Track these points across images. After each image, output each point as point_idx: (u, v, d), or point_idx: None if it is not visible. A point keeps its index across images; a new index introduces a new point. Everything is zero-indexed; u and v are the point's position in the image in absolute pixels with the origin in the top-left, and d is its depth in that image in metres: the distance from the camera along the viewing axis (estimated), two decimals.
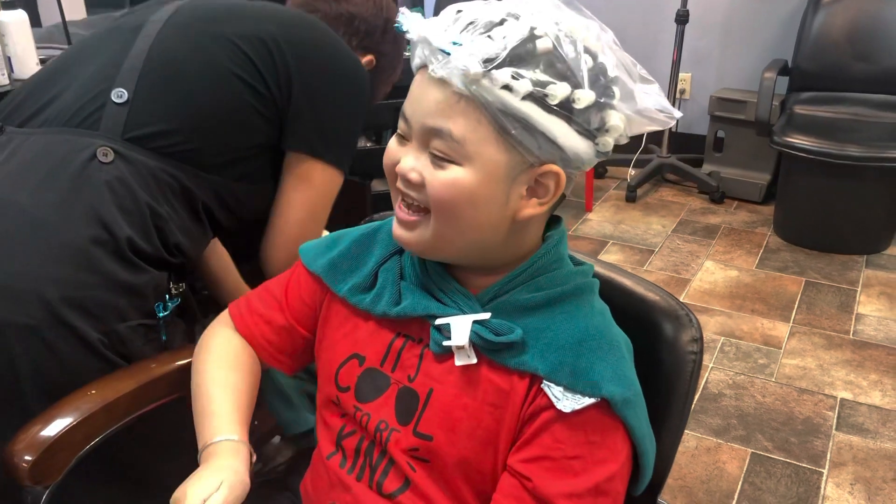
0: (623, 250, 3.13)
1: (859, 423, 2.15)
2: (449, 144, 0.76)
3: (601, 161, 3.73)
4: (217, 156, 1.17)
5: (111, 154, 1.09)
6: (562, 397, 0.78)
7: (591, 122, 0.77)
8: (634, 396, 0.81)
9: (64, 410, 0.96)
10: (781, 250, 3.13)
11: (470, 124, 0.75)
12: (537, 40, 0.74)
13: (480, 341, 0.81)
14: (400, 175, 0.81)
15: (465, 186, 0.77)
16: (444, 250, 0.84)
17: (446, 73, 0.74)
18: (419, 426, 0.85)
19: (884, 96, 3.12)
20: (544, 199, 0.81)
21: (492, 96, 0.73)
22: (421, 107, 0.78)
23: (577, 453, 0.78)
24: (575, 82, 0.75)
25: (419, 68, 0.79)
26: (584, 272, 0.88)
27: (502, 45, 0.73)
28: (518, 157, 0.77)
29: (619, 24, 3.83)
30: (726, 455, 2.03)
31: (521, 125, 0.75)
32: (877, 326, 2.60)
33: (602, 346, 0.81)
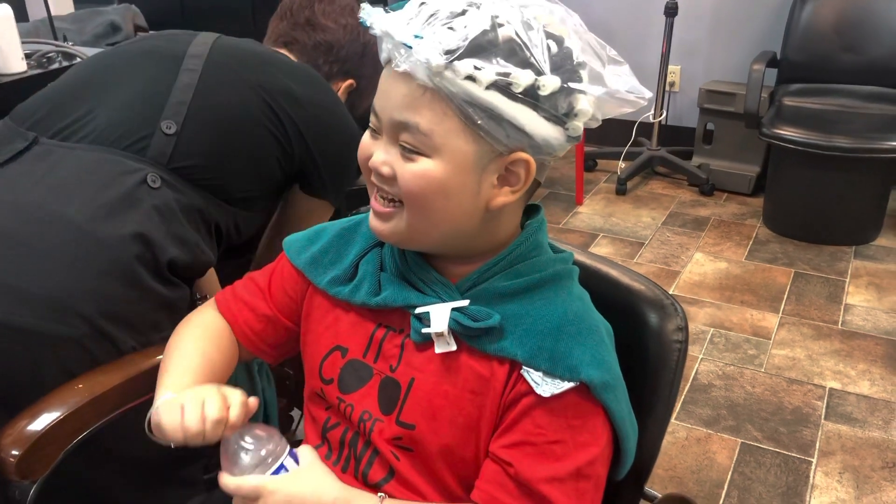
0: (613, 243, 3.14)
1: (848, 412, 2.16)
2: (417, 137, 0.76)
3: (591, 154, 3.76)
4: (240, 192, 1.28)
5: (159, 181, 1.17)
6: (541, 382, 0.79)
7: (558, 108, 0.76)
8: (614, 380, 0.81)
9: (51, 405, 0.96)
10: (771, 242, 3.14)
11: (436, 116, 0.75)
12: (499, 28, 0.74)
13: (459, 328, 0.82)
14: (372, 169, 0.81)
15: (435, 178, 0.77)
16: (420, 240, 0.84)
17: (409, 67, 0.74)
18: (401, 415, 0.85)
19: (872, 87, 3.13)
20: (516, 187, 0.81)
21: (455, 87, 0.73)
22: (388, 101, 0.78)
23: (558, 438, 0.79)
24: (539, 69, 0.74)
25: (386, 62, 0.79)
26: (563, 259, 0.88)
27: (463, 36, 0.73)
28: (486, 147, 0.77)
29: (608, 16, 3.86)
30: (716, 445, 2.04)
31: (487, 115, 0.75)
32: (865, 316, 2.62)
33: (581, 330, 0.81)
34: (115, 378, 1.00)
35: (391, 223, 0.82)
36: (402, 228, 0.82)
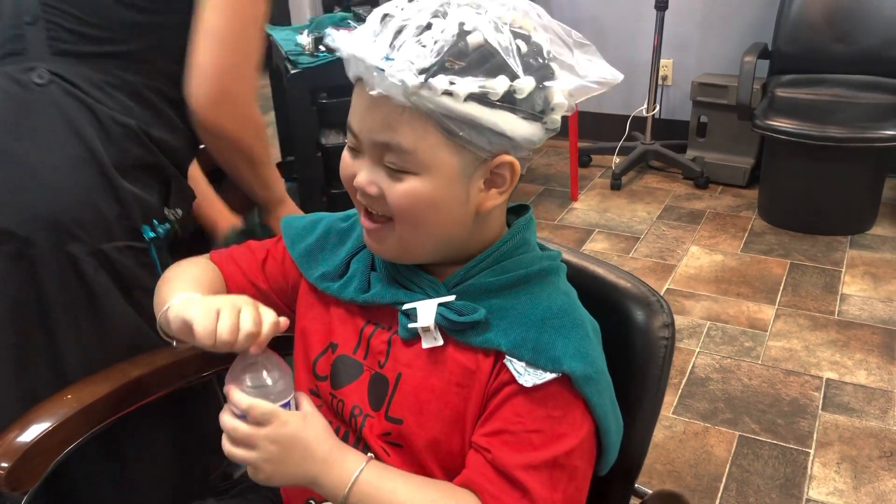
0: (609, 238, 3.14)
1: (845, 402, 2.16)
2: (401, 157, 0.77)
3: (585, 150, 3.76)
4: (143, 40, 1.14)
5: (46, 75, 1.08)
6: (524, 372, 0.79)
7: (535, 106, 0.77)
8: (596, 374, 0.81)
9: (40, 416, 0.96)
10: (766, 233, 3.14)
11: (417, 134, 0.75)
12: (468, 36, 0.74)
13: (445, 322, 0.83)
14: (358, 189, 0.81)
15: (425, 194, 0.78)
16: (415, 253, 0.85)
17: (384, 90, 0.74)
18: (390, 411, 0.86)
19: (863, 77, 3.13)
20: (503, 188, 0.82)
21: (433, 104, 0.73)
22: (366, 123, 0.78)
23: (536, 427, 0.79)
24: (512, 73, 0.74)
25: (356, 80, 0.79)
26: (550, 257, 0.89)
27: (435, 52, 0.72)
28: (470, 156, 0.78)
29: (598, 11, 3.85)
30: (714, 438, 2.04)
31: (468, 125, 0.75)
32: (861, 306, 2.62)
33: (565, 324, 0.82)
34: (104, 388, 1.00)
35: (385, 243, 0.84)
36: (396, 245, 0.83)
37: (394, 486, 0.81)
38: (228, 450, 0.81)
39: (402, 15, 0.75)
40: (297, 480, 0.81)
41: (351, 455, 0.83)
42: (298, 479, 0.81)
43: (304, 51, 2.47)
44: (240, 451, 0.80)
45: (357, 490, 0.80)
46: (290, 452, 0.80)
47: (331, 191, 2.59)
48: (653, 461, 1.97)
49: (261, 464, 0.80)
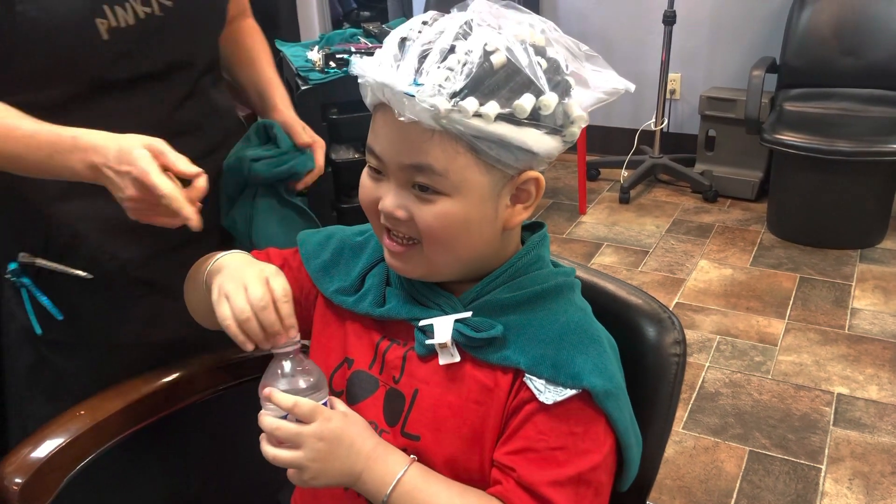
0: (617, 252, 3.14)
1: (856, 417, 2.15)
2: (432, 178, 0.77)
3: (594, 163, 3.76)
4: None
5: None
6: (544, 389, 0.79)
7: (556, 121, 0.78)
8: (616, 389, 0.81)
9: (53, 432, 0.96)
10: (775, 247, 3.13)
11: (448, 155, 0.76)
12: (491, 56, 0.74)
13: (462, 339, 0.83)
14: (385, 214, 0.81)
15: (457, 215, 0.79)
16: (442, 273, 0.86)
17: (414, 115, 0.74)
18: (406, 427, 0.86)
19: (871, 90, 3.13)
20: (528, 203, 0.83)
21: (464, 126, 0.74)
22: (394, 147, 0.78)
23: (560, 444, 0.79)
24: (536, 89, 0.75)
25: (375, 106, 0.79)
26: (565, 273, 0.89)
27: (463, 74, 0.73)
28: (499, 174, 0.79)
29: (606, 26, 3.87)
30: (724, 454, 2.03)
31: (497, 145, 0.76)
32: (872, 320, 2.61)
33: (583, 340, 0.82)
34: (116, 404, 1.00)
35: (411, 263, 0.84)
36: (424, 265, 0.83)
37: (437, 489, 0.81)
38: (272, 453, 0.80)
39: (421, 38, 0.76)
40: (342, 479, 0.81)
41: (395, 454, 0.83)
42: (343, 476, 0.80)
43: (315, 67, 2.49)
44: (284, 452, 0.79)
45: (400, 490, 0.80)
46: (337, 449, 0.80)
47: (341, 205, 2.61)
48: (663, 477, 1.96)
49: (307, 463, 0.79)
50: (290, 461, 0.79)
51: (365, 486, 0.81)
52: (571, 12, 3.95)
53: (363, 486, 0.81)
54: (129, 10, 1.01)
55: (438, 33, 0.75)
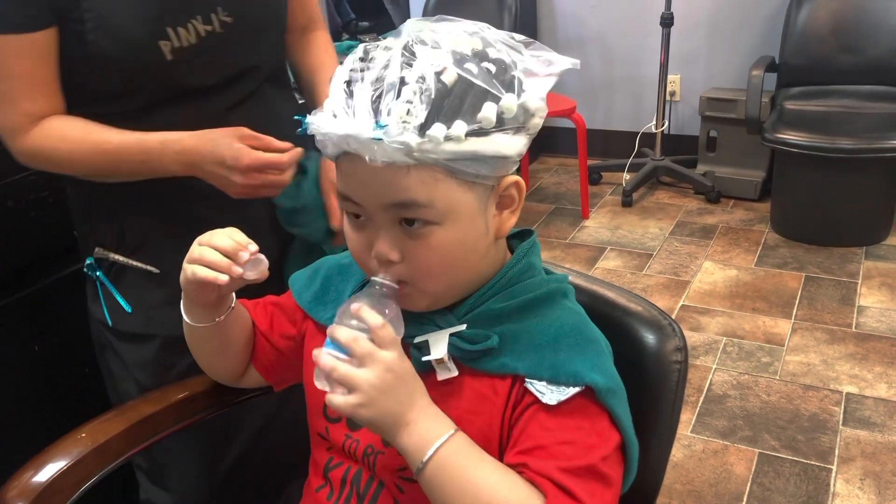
0: (621, 255, 3.13)
1: (866, 416, 2.13)
2: (419, 211, 0.76)
3: (595, 167, 3.76)
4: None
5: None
6: (546, 391, 0.79)
7: (519, 119, 0.77)
8: (617, 388, 0.81)
9: (55, 455, 0.96)
10: (780, 247, 3.12)
11: (428, 185, 0.75)
12: (442, 77, 0.73)
13: (458, 352, 0.82)
14: (378, 259, 0.80)
15: (452, 240, 0.78)
16: (447, 297, 0.85)
17: (386, 158, 0.72)
18: None
19: (872, 87, 3.12)
20: (514, 207, 0.83)
21: (437, 153, 0.73)
22: (371, 190, 0.77)
23: (567, 439, 0.77)
24: (494, 95, 0.74)
25: (340, 156, 0.78)
26: (557, 280, 0.89)
27: (424, 104, 0.72)
28: (480, 188, 0.78)
29: (604, 29, 3.87)
30: (734, 457, 2.02)
31: (472, 161, 0.75)
32: (879, 318, 2.59)
33: (579, 341, 0.82)
34: (117, 426, 1.00)
35: (411, 301, 0.82)
36: (426, 299, 0.83)
37: (480, 460, 0.77)
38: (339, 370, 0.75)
39: (368, 76, 0.74)
40: (390, 419, 0.75)
41: (444, 417, 0.79)
42: (392, 417, 0.75)
43: None
44: (348, 369, 0.74)
45: (444, 452, 0.75)
46: (400, 387, 0.76)
47: None
48: (672, 481, 1.95)
49: (367, 388, 0.74)
50: (353, 377, 0.74)
51: (410, 438, 0.76)
52: (569, 17, 3.95)
53: (408, 437, 0.76)
54: (191, 30, 1.10)
55: (383, 68, 0.73)
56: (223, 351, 0.99)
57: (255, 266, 0.86)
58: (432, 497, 0.76)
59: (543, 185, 3.82)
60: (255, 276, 0.86)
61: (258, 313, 1.02)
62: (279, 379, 1.04)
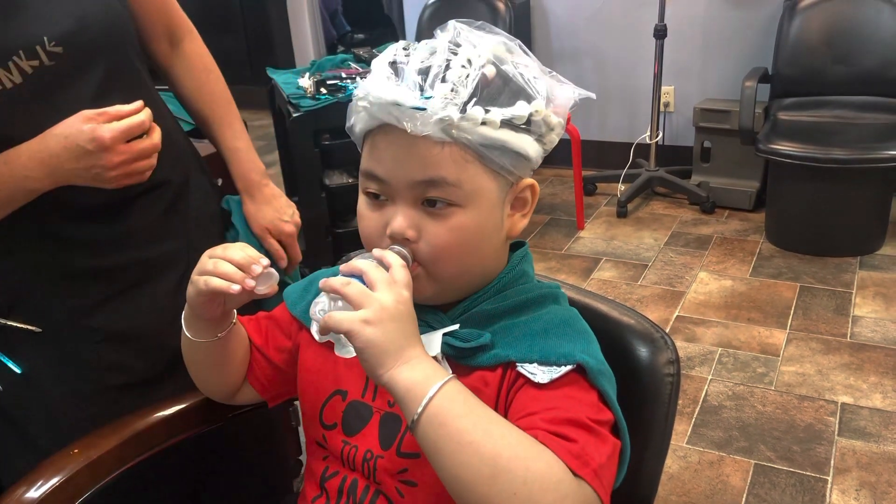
0: (616, 266, 3.13)
1: (861, 426, 2.13)
2: (447, 190, 0.78)
3: (590, 178, 3.77)
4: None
5: None
6: (537, 372, 0.79)
7: (541, 128, 0.81)
8: (607, 372, 0.82)
9: (48, 471, 0.96)
10: (775, 257, 3.13)
11: (459, 165, 0.78)
12: (483, 69, 0.78)
13: (452, 351, 0.83)
14: (394, 236, 0.80)
15: (471, 225, 0.80)
16: (448, 292, 0.86)
17: (426, 129, 0.75)
18: (402, 447, 0.86)
19: (864, 97, 3.14)
20: (525, 210, 0.87)
21: (473, 135, 0.77)
22: (402, 165, 0.79)
23: (556, 404, 0.76)
24: (527, 95, 0.79)
25: (370, 130, 0.80)
26: (549, 286, 0.90)
27: (466, 85, 0.76)
28: (503, 181, 0.82)
29: (598, 41, 3.89)
30: (729, 468, 2.02)
31: (501, 151, 0.79)
32: (874, 328, 2.60)
33: (569, 331, 0.83)
34: (110, 441, 1.00)
35: (419, 284, 0.81)
36: (432, 287, 0.83)
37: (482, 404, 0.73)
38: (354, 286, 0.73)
39: (414, 58, 0.78)
40: (393, 349, 0.72)
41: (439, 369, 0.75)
42: (397, 347, 0.72)
43: (306, 94, 2.50)
44: (362, 287, 0.73)
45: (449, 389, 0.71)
46: (408, 322, 0.74)
47: (336, 230, 2.61)
48: (668, 492, 1.94)
49: (378, 307, 0.71)
50: (367, 294, 0.72)
51: (412, 372, 0.72)
52: (562, 30, 3.97)
53: (409, 372, 0.72)
54: (13, 70, 0.96)
55: (430, 53, 0.78)
56: (220, 366, 0.99)
57: (266, 280, 0.86)
58: (431, 449, 0.71)
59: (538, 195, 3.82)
60: (265, 290, 0.86)
61: (252, 329, 1.02)
62: (274, 394, 1.04)
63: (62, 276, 1.01)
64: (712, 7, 3.64)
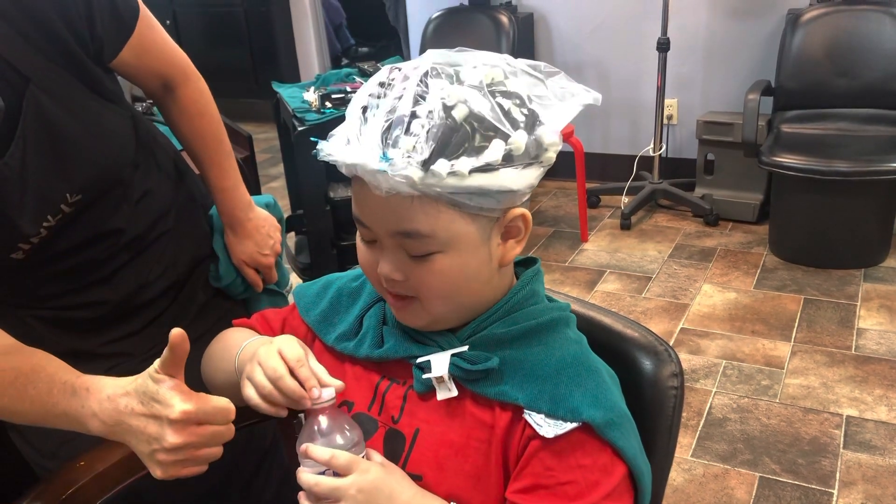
0: (620, 279, 3.14)
1: (867, 439, 2.13)
2: (422, 241, 0.78)
3: (594, 191, 3.78)
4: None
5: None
6: (544, 424, 0.79)
7: (531, 154, 0.78)
8: (618, 418, 0.81)
9: (54, 484, 0.96)
10: (779, 269, 3.13)
11: (431, 216, 0.77)
12: (452, 111, 0.74)
13: (459, 372, 0.84)
14: (383, 279, 0.83)
15: (454, 268, 0.80)
16: (447, 320, 0.87)
17: (390, 188, 0.75)
18: (407, 466, 0.86)
19: (867, 110, 3.14)
20: (519, 237, 0.85)
21: (441, 187, 0.75)
22: (378, 216, 0.80)
23: (568, 479, 0.79)
24: (504, 133, 0.75)
25: (355, 176, 0.79)
26: (560, 308, 0.90)
27: (430, 140, 0.73)
28: (484, 220, 0.80)
29: (601, 55, 3.90)
30: (734, 480, 2.01)
31: (477, 195, 0.76)
32: (878, 340, 2.59)
33: (580, 372, 0.83)
34: (116, 454, 1.00)
35: (413, 315, 0.85)
36: (424, 316, 0.85)
37: None
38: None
39: (383, 106, 0.76)
40: None
41: (434, 501, 0.82)
42: None
43: (311, 108, 2.52)
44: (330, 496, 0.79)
45: None
46: (376, 499, 0.79)
47: (340, 242, 2.62)
48: None
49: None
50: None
51: None
52: (566, 43, 3.99)
53: None
54: (42, 231, 1.06)
55: (397, 98, 0.75)
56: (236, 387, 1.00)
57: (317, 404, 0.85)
58: None
59: (542, 208, 3.83)
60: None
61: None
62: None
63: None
64: (715, 20, 3.65)
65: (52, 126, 1.03)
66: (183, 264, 1.29)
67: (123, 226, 1.18)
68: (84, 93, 1.08)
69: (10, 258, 1.06)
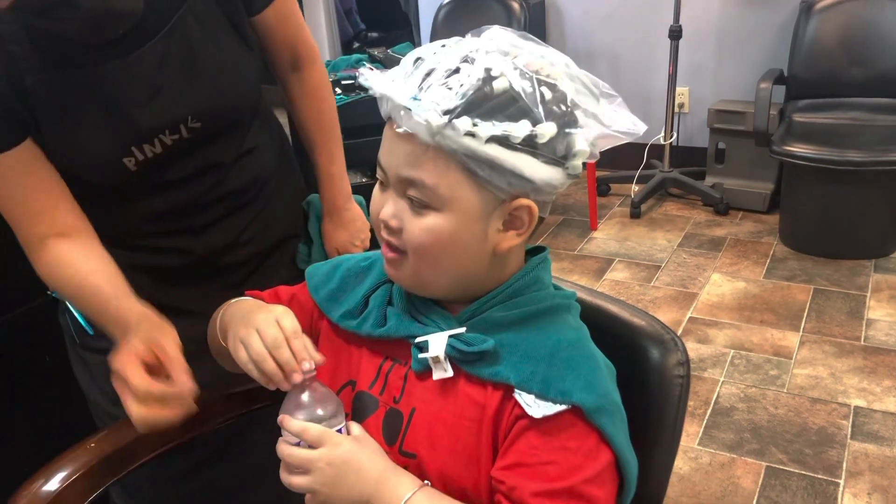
0: (629, 267, 3.13)
1: (874, 430, 2.13)
2: (423, 192, 0.79)
3: (604, 179, 3.77)
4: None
5: None
6: (533, 404, 0.80)
7: (556, 151, 0.79)
8: (610, 406, 0.81)
9: (64, 464, 0.97)
10: (788, 259, 3.12)
11: (440, 171, 0.78)
12: (493, 81, 0.76)
13: (456, 353, 0.84)
14: (381, 221, 0.84)
15: (444, 231, 0.80)
16: (431, 287, 0.87)
17: (410, 128, 0.76)
18: (403, 445, 0.87)
19: (880, 100, 3.12)
20: (521, 230, 0.84)
21: (456, 144, 0.76)
22: (392, 159, 0.81)
23: (551, 459, 0.79)
24: (535, 118, 0.77)
25: (387, 119, 0.82)
26: (564, 296, 0.90)
27: (460, 94, 0.75)
28: (490, 195, 0.80)
29: (613, 42, 3.88)
30: (741, 470, 2.02)
31: (488, 166, 0.77)
32: (888, 331, 2.58)
33: (575, 357, 0.83)
34: (126, 435, 1.01)
35: (400, 270, 0.86)
36: (410, 275, 0.85)
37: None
38: (286, 479, 0.83)
39: (433, 59, 0.79)
40: (354, 502, 0.82)
41: (405, 477, 0.83)
42: (354, 500, 0.82)
43: None
44: (297, 477, 0.82)
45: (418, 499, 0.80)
46: (345, 474, 0.81)
47: None
48: (679, 494, 1.94)
49: (318, 487, 0.81)
50: (301, 486, 0.82)
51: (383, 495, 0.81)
52: (577, 29, 3.97)
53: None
54: (157, 144, 1.09)
55: (449, 55, 0.79)
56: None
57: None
58: None
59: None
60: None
61: None
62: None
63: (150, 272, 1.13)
64: (728, 8, 3.63)
65: (192, 48, 1.08)
66: (272, 236, 1.31)
67: (229, 173, 1.21)
68: (228, 30, 1.13)
69: (121, 163, 1.08)
